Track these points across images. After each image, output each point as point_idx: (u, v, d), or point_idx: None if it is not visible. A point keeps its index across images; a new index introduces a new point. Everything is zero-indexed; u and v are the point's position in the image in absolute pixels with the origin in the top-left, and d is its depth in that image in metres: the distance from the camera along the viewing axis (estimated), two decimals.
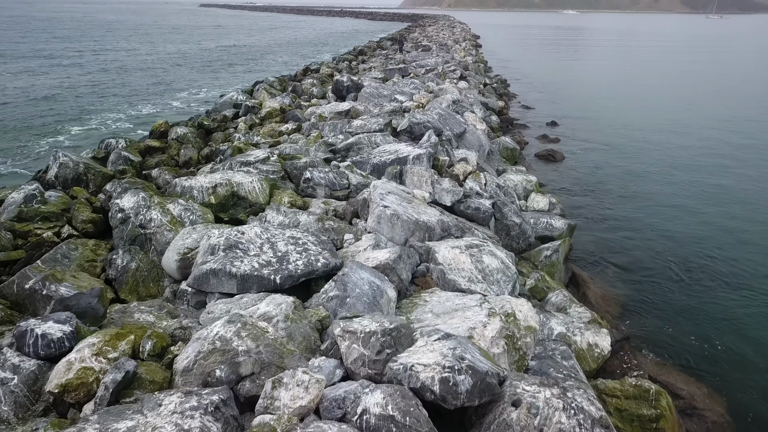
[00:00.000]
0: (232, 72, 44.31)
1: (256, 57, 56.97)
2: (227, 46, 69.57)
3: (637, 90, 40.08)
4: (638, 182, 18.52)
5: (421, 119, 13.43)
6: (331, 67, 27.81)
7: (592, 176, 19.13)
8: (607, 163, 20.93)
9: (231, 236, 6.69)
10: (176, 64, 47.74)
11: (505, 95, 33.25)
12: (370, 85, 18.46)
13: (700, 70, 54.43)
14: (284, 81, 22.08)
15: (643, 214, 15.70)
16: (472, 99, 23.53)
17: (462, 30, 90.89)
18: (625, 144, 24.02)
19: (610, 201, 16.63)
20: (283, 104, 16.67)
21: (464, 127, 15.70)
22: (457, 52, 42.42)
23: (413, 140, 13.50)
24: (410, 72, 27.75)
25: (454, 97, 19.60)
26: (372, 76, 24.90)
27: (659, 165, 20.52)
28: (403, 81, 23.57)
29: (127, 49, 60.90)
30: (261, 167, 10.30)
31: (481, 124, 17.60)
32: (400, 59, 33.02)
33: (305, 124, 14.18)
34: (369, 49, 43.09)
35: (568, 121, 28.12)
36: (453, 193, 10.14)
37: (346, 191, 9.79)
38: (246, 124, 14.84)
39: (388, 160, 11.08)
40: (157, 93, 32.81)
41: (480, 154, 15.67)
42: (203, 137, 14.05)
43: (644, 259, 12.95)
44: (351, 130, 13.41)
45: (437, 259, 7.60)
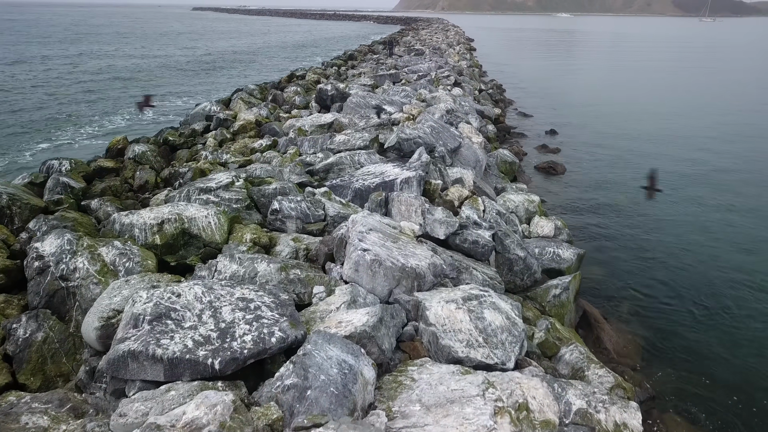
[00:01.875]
0: (218, 77, 42.78)
1: (245, 61, 55.46)
2: (216, 50, 68.01)
3: (636, 94, 38.84)
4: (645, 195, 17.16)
5: (410, 134, 12.00)
6: (318, 73, 26.35)
7: (597, 191, 17.75)
8: (612, 175, 19.56)
9: (162, 301, 5.21)
10: (161, 70, 46.17)
11: (501, 101, 31.90)
12: (357, 94, 17.01)
13: (700, 73, 53.30)
14: (265, 89, 20.58)
15: (654, 233, 14.32)
16: (467, 107, 22.13)
17: (456, 33, 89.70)
18: (629, 153, 22.68)
19: (617, 219, 15.25)
20: (260, 116, 15.15)
21: (459, 141, 14.27)
22: (451, 57, 41.06)
23: (402, 158, 12.07)
24: (402, 78, 26.33)
25: (447, 106, 18.19)
26: (361, 83, 23.46)
27: (666, 176, 19.17)
28: (394, 88, 22.16)
29: (111, 54, 59.29)
30: (223, 195, 8.83)
31: (477, 137, 16.19)
32: (391, 64, 31.60)
33: (282, 140, 12.69)
34: (359, 53, 41.64)
35: (568, 130, 26.78)
36: (447, 225, 8.69)
37: (322, 224, 8.33)
38: (216, 140, 13.30)
39: (372, 184, 9.62)
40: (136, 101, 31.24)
41: (477, 170, 14.26)
42: (167, 155, 12.52)
43: (660, 288, 11.56)
44: (333, 146, 11.96)
45: (428, 318, 6.15)
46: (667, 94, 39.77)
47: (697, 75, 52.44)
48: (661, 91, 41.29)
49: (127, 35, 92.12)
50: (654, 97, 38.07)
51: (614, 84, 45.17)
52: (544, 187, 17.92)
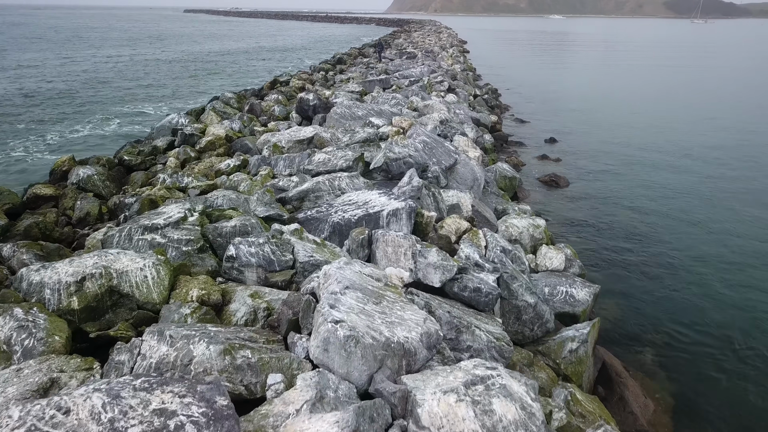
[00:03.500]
0: (202, 81, 41.11)
1: (231, 64, 53.81)
2: (203, 52, 66.31)
3: (634, 97, 37.51)
4: (659, 212, 15.73)
5: (399, 154, 10.48)
6: (303, 79, 24.78)
7: (603, 206, 16.30)
8: (618, 187, 18.13)
9: (39, 425, 3.66)
10: (141, 73, 44.47)
11: (496, 107, 30.46)
12: (342, 104, 15.48)
13: (699, 75, 52.10)
14: (244, 97, 18.98)
15: (672, 257, 12.87)
16: (462, 115, 20.67)
17: (449, 35, 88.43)
18: (633, 162, 21.28)
19: (629, 240, 13.79)
20: (231, 130, 13.56)
21: (455, 157, 12.78)
22: (444, 60, 39.63)
23: (391, 180, 10.56)
24: (392, 84, 24.84)
25: (441, 116, 16.71)
26: (348, 90, 21.94)
27: (678, 189, 17.76)
28: (384, 95, 20.66)
29: (95, 57, 57.49)
30: (172, 234, 7.28)
31: (474, 151, 14.71)
32: (381, 68, 30.09)
33: (253, 159, 11.12)
34: (349, 56, 40.02)
35: (567, 137, 25.37)
36: (443, 270, 7.18)
37: (289, 273, 6.80)
38: (177, 159, 11.66)
39: (354, 217, 8.10)
40: (111, 109, 29.58)
41: (475, 190, 12.77)
42: (119, 179, 10.87)
43: (688, 328, 10.09)
44: (311, 167, 10.41)
45: (420, 419, 4.62)
46: (666, 96, 38.48)
47: (696, 77, 51.26)
48: (660, 93, 40.01)
49: (113, 38, 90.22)
50: (653, 100, 36.76)
51: (612, 87, 43.88)
52: (546, 203, 16.45)
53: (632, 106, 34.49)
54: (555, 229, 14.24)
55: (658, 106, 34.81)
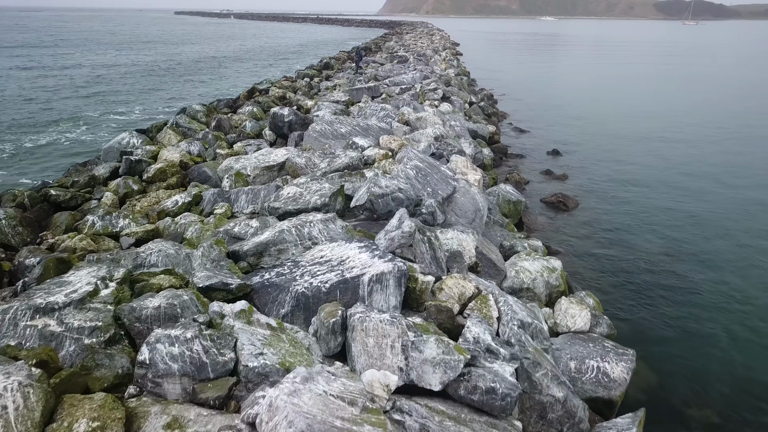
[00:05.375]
0: (182, 87, 39.00)
1: (214, 70, 51.69)
2: (189, 56, 64.11)
3: (639, 102, 35.71)
4: (683, 238, 13.87)
5: (387, 188, 8.54)
6: (284, 87, 22.74)
7: (620, 232, 14.43)
8: (634, 208, 16.28)
9: None
10: (122, 79, 42.27)
11: (493, 115, 28.58)
12: (323, 119, 13.48)
13: (700, 78, 50.46)
14: (214, 110, 16.88)
15: (711, 295, 11.01)
16: (459, 128, 18.76)
17: (441, 38, 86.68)
18: (647, 175, 19.45)
19: (655, 274, 11.90)
20: (188, 155, 11.50)
21: (453, 185, 10.85)
22: (438, 64, 37.74)
23: (376, 220, 8.62)
24: (382, 92, 22.89)
25: (436, 131, 14.80)
26: (333, 99, 19.97)
27: (701, 206, 15.93)
28: (372, 105, 18.71)
29: (73, 61, 55.19)
30: (72, 319, 5.32)
31: (474, 172, 12.78)
32: (371, 75, 28.11)
33: (208, 194, 9.10)
34: (337, 61, 37.92)
35: (572, 148, 23.52)
36: (445, 368, 5.25)
37: (227, 384, 4.83)
38: (117, 194, 9.54)
39: (324, 285, 6.14)
40: (82, 116, 27.44)
41: (476, 223, 10.85)
42: (41, 220, 8.78)
43: (751, 411, 8.19)
44: (278, 204, 8.43)
45: None
46: (669, 101, 36.73)
47: (697, 80, 49.64)
48: (662, 97, 38.27)
49: (97, 41, 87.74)
50: (656, 105, 34.99)
51: (612, 91, 42.09)
52: (555, 231, 14.56)
53: (635, 112, 32.70)
54: (568, 263, 12.34)
55: (661, 111, 33.03)
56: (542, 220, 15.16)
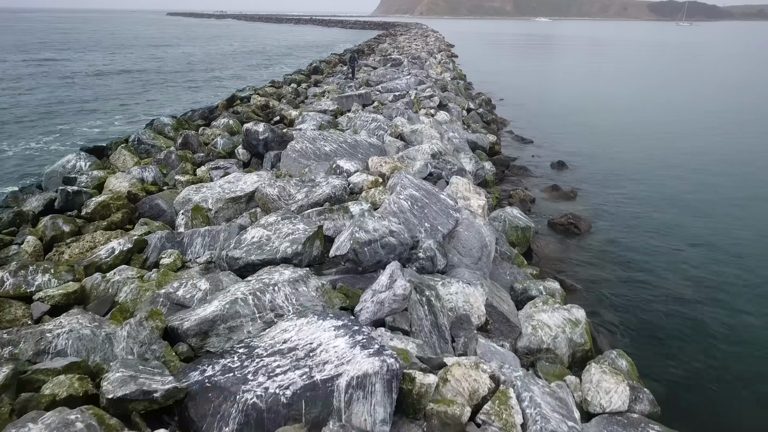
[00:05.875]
0: (164, 92, 37.24)
1: (200, 74, 49.91)
2: (175, 58, 62.26)
3: (645, 107, 34.11)
4: (719, 271, 12.25)
5: (375, 233, 6.87)
6: (267, 95, 20.97)
7: (643, 261, 12.80)
8: (655, 230, 14.69)
9: None
10: (102, 83, 40.41)
11: (493, 122, 26.95)
12: (304, 136, 11.75)
13: (702, 80, 48.98)
14: (187, 122, 15.05)
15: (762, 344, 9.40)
16: (458, 140, 17.12)
17: (436, 39, 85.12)
18: (665, 190, 17.84)
19: (693, 320, 10.27)
20: (139, 183, 9.68)
21: (455, 217, 9.19)
22: (433, 67, 36.10)
23: (362, 273, 6.93)
24: (374, 99, 21.22)
25: (433, 147, 13.13)
26: (321, 108, 18.28)
27: (730, 227, 14.33)
28: (364, 115, 17.02)
29: (57, 63, 53.26)
30: None
31: (477, 197, 11.11)
32: (362, 79, 26.41)
33: (155, 237, 7.35)
34: (327, 65, 36.10)
35: (578, 159, 21.91)
36: None
37: None
38: (42, 240, 7.65)
39: (285, 394, 4.44)
40: (54, 125, 25.62)
41: (483, 261, 9.18)
42: None
43: None
44: (239, 252, 6.73)
45: None
46: (677, 104, 35.17)
47: (700, 82, 48.18)
48: (669, 100, 36.71)
49: (82, 43, 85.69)
50: (664, 109, 33.41)
51: (615, 95, 40.51)
52: (568, 260, 12.92)
53: (641, 117, 31.12)
54: (587, 303, 10.69)
55: (670, 115, 31.45)
56: (553, 248, 13.50)
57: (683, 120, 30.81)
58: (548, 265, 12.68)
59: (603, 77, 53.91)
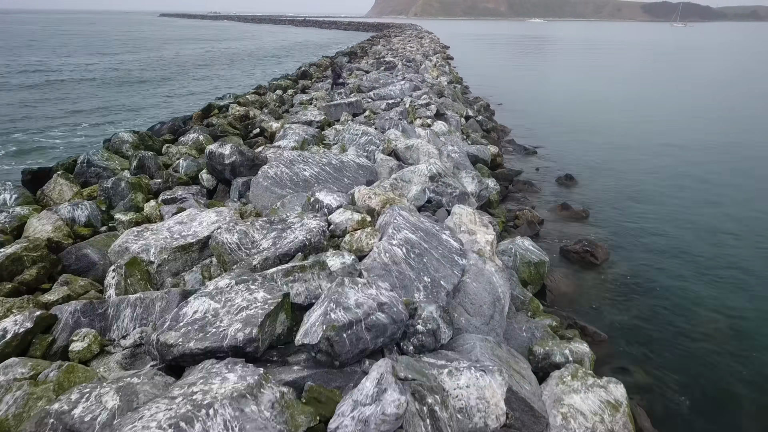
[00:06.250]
0: (145, 97, 35.39)
1: (186, 78, 48.04)
2: (159, 62, 60.32)
3: (653, 112, 32.42)
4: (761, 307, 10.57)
5: (358, 309, 5.11)
6: (248, 104, 19.05)
7: (678, 298, 11.08)
8: (684, 253, 13.01)
9: None
10: (79, 88, 38.48)
11: (492, 130, 25.22)
12: (280, 159, 9.93)
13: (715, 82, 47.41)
14: (148, 138, 13.15)
15: None
16: (457, 154, 15.38)
17: (431, 41, 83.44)
18: (693, 209, 16.12)
19: (747, 386, 8.58)
20: (65, 226, 7.83)
21: (461, 265, 7.44)
22: (429, 71, 34.37)
23: (339, 367, 5.15)
24: (365, 108, 19.46)
25: (431, 168, 11.38)
26: (305, 119, 16.50)
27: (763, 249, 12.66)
28: (354, 127, 15.22)
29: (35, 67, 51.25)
30: None
31: (484, 231, 9.35)
32: (353, 85, 24.61)
33: (66, 312, 5.56)
34: (318, 68, 34.23)
35: (587, 172, 20.22)
36: None
37: None
38: None
39: None
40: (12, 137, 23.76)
41: (496, 320, 7.44)
42: None
43: None
44: (175, 336, 4.97)
45: None
46: (686, 109, 33.54)
47: (708, 86, 46.63)
48: (676, 105, 35.09)
49: (69, 44, 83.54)
50: (671, 114, 31.76)
51: (618, 99, 38.85)
52: (588, 299, 11.19)
53: (647, 121, 29.45)
54: (618, 361, 8.97)
55: (679, 120, 29.79)
56: (569, 283, 11.77)
57: (694, 125, 29.16)
58: (565, 303, 10.99)
59: (602, 79, 52.29)
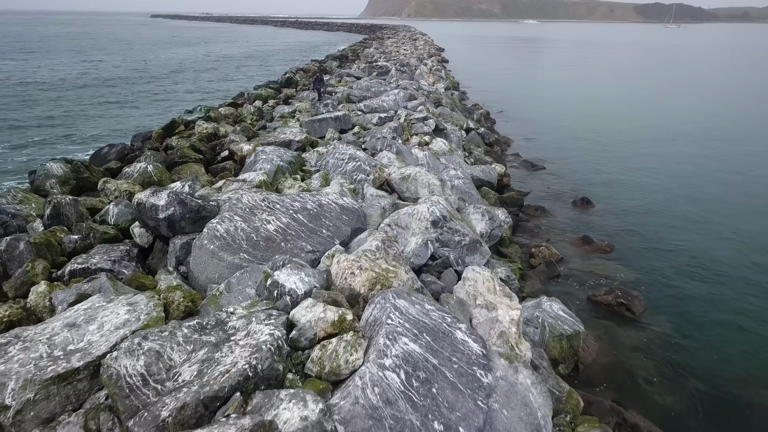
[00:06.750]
0: (112, 111, 32.96)
1: (167, 84, 45.55)
2: (141, 67, 57.77)
3: (664, 117, 30.16)
4: None
5: None
6: (222, 117, 16.53)
7: (730, 369, 8.84)
8: (739, 297, 10.77)
9: None
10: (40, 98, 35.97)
11: (496, 144, 22.96)
12: (236, 208, 7.52)
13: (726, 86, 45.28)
14: (84, 169, 10.46)
15: None
16: (461, 180, 13.08)
17: (425, 43, 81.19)
18: (736, 238, 13.90)
19: None
20: None
21: (485, 385, 5.12)
22: (424, 77, 32.06)
23: None
24: (354, 122, 17.12)
25: (434, 211, 9.08)
26: (284, 138, 14.15)
27: None
28: (340, 148, 12.87)
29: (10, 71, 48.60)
30: None
31: (509, 305, 7.04)
32: (342, 95, 22.24)
33: None
34: (305, 74, 31.72)
35: (603, 192, 18.00)
36: None
37: None
38: None
39: None
40: None
41: None
42: None
43: None
44: None
45: None
46: (695, 114, 31.36)
47: (726, 90, 44.53)
48: (683, 110, 32.91)
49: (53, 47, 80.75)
50: (681, 119, 29.55)
51: (620, 102, 36.63)
52: (630, 372, 8.91)
53: (657, 128, 27.22)
54: None
55: (691, 126, 27.59)
56: (604, 349, 9.46)
57: (710, 131, 26.97)
58: (604, 381, 8.71)
59: (602, 81, 50.11)
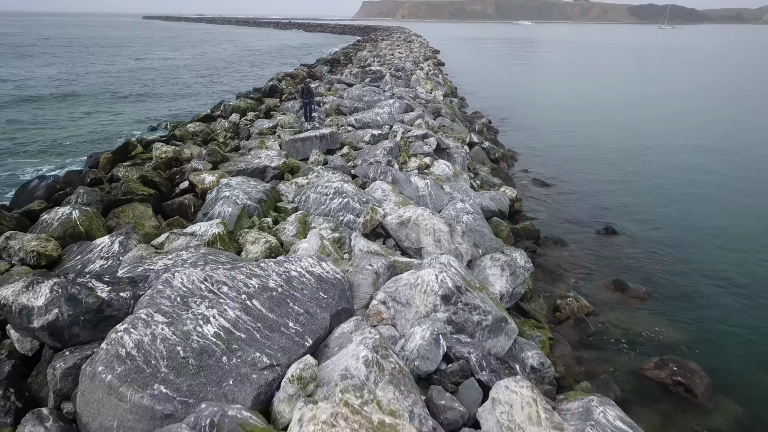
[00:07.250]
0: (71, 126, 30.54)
1: (148, 92, 43.14)
2: (121, 73, 55.30)
3: (675, 123, 27.98)
4: None
5: None
6: (189, 136, 14.14)
7: None
8: None
9: None
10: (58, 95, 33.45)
11: (502, 159, 20.72)
12: (155, 304, 5.22)
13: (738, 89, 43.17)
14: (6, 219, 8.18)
15: None
16: (470, 216, 10.82)
17: (420, 45, 78.98)
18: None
19: None
20: None
21: None
22: (421, 83, 29.78)
23: None
24: (343, 140, 14.83)
25: (445, 281, 6.80)
26: (256, 165, 11.83)
27: None
28: (322, 184, 10.57)
29: None
30: None
31: None
32: (332, 105, 19.87)
33: None
34: (292, 80, 29.29)
35: (623, 214, 15.91)
36: None
37: None
38: None
39: None
40: None
41: None
42: None
43: None
44: None
45: None
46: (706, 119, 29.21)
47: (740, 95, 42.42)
48: (691, 114, 30.77)
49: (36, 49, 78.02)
50: (691, 125, 27.40)
51: (632, 110, 34.43)
52: None
53: (671, 136, 25.03)
54: None
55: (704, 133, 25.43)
56: None
57: (723, 138, 24.79)
58: None
59: (602, 83, 47.97)
